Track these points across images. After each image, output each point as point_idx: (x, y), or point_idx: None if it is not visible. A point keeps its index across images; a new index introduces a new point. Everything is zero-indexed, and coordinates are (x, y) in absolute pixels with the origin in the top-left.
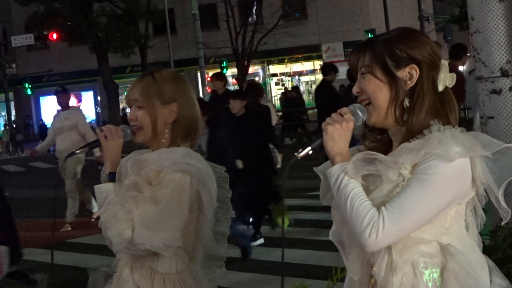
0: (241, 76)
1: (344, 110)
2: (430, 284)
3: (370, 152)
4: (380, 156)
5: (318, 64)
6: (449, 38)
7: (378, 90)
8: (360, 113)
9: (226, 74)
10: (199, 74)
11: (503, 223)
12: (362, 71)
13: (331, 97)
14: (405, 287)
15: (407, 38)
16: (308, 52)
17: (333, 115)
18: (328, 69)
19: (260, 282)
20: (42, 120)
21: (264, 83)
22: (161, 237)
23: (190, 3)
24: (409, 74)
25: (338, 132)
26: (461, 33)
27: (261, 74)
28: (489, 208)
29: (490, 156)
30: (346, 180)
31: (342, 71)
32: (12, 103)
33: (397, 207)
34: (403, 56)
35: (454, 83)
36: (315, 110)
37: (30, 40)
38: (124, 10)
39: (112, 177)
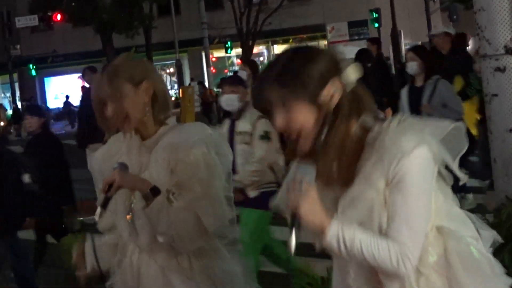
0: (246, 56)
1: (297, 179)
2: (440, 271)
3: (344, 197)
4: (353, 192)
5: (323, 44)
6: (454, 17)
7: (306, 116)
8: (308, 175)
9: (231, 55)
10: (203, 54)
11: (460, 183)
12: (279, 109)
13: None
14: (419, 283)
15: (304, 59)
16: (312, 32)
17: (293, 197)
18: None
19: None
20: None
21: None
22: (227, 212)
23: None
24: (329, 93)
25: (310, 208)
26: (466, 12)
27: (265, 54)
28: None
29: (441, 135)
30: (348, 237)
31: (347, 51)
32: (16, 84)
33: (406, 228)
34: (314, 80)
35: (360, 74)
36: None
37: (34, 22)
38: None
39: (155, 191)
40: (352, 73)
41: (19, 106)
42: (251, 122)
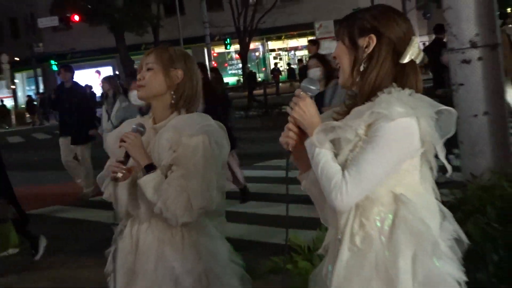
0: (243, 51)
1: (297, 91)
2: (383, 229)
3: (327, 122)
4: (336, 123)
5: None
6: (428, 15)
7: (343, 54)
8: (310, 85)
9: (230, 50)
10: (206, 50)
11: (447, 174)
12: (337, 39)
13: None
14: (358, 233)
15: (379, 13)
16: (302, 29)
17: (293, 99)
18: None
19: (264, 234)
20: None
21: (264, 57)
22: (215, 197)
23: None
24: (367, 42)
25: (301, 113)
26: (439, 10)
27: (261, 49)
28: None
29: (433, 115)
30: (317, 149)
31: (333, 47)
32: (40, 79)
33: (355, 170)
34: (366, 27)
35: (422, 60)
36: None
37: (54, 22)
38: None
39: (148, 168)
40: (411, 51)
41: (33, 97)
42: None
